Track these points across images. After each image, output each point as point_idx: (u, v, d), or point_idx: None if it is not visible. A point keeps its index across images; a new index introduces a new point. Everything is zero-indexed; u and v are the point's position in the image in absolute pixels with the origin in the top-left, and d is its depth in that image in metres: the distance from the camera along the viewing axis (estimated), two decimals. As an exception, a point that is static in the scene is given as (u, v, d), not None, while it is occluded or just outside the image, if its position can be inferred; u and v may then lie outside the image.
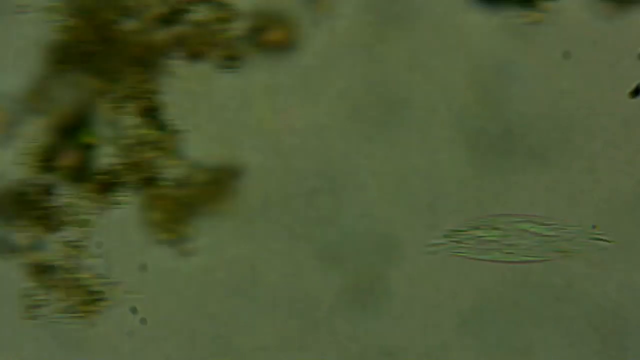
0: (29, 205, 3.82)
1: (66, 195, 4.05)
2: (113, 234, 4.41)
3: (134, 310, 4.41)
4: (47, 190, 3.83)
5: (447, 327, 4.39)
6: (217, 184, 4.17)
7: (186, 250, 4.10)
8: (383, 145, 4.39)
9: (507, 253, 4.28)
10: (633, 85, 4.32)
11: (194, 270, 4.41)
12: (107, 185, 3.90)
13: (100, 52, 3.78)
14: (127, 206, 4.40)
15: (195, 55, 4.04)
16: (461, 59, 4.38)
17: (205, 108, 4.27)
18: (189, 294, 4.43)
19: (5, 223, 3.92)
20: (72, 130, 3.95)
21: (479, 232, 4.27)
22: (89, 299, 3.95)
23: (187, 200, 4.10)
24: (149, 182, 3.94)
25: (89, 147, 3.74)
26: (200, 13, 4.07)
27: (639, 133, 4.36)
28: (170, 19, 3.82)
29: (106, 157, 4.21)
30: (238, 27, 4.22)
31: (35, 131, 4.09)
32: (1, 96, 4.02)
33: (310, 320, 4.41)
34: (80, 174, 3.91)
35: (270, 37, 4.09)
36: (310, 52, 4.40)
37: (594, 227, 4.20)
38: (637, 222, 4.36)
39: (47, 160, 3.85)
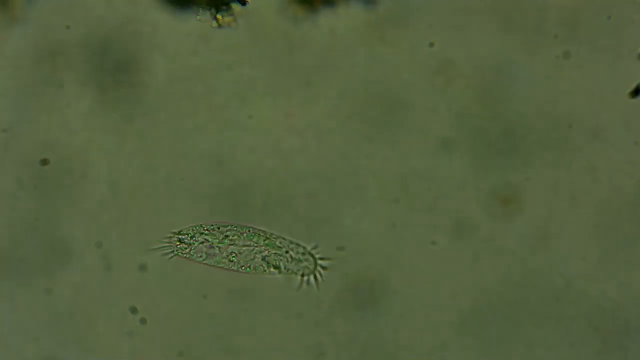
0: None
1: None
2: (113, 234, 4.42)
3: (134, 310, 4.41)
4: None
5: (447, 327, 4.39)
6: None
7: None
8: (383, 145, 4.39)
9: (230, 261, 4.30)
10: (633, 85, 4.32)
11: (194, 270, 4.41)
12: None
13: None
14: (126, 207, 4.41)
15: None
16: (461, 59, 4.38)
17: None
18: (189, 294, 4.43)
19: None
20: None
21: (208, 237, 4.29)
22: None
23: None
24: None
25: None
26: None
27: (639, 133, 4.36)
28: None
29: None
30: None
31: None
32: None
33: (310, 320, 4.41)
34: None
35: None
36: (310, 52, 4.40)
37: (315, 247, 4.27)
38: (637, 222, 4.36)
39: None
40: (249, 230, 4.28)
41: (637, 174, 4.36)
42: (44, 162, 4.41)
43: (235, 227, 4.27)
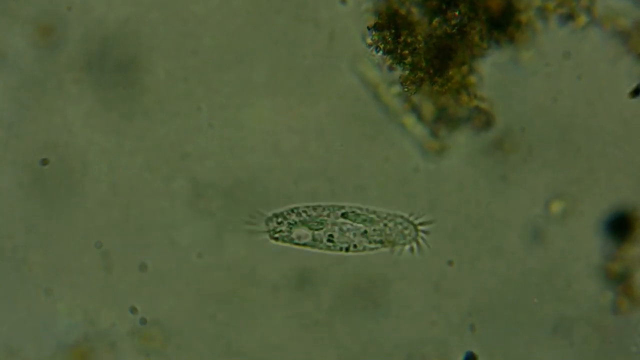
0: None
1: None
2: (113, 234, 4.42)
3: (133, 310, 4.41)
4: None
5: (447, 327, 4.39)
6: None
7: None
8: (383, 145, 4.39)
9: (328, 241, 4.29)
10: (633, 85, 4.32)
11: (194, 270, 4.41)
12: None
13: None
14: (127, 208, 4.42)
15: None
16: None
17: None
18: (189, 294, 4.43)
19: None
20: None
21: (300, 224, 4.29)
22: None
23: None
24: None
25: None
26: None
27: (639, 133, 4.36)
28: None
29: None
30: None
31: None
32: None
33: (310, 320, 4.41)
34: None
35: None
36: (310, 52, 4.40)
37: (411, 214, 4.25)
38: (637, 222, 4.36)
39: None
40: (344, 214, 4.27)
41: (637, 174, 4.36)
42: (44, 162, 4.41)
43: (328, 209, 4.26)
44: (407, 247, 4.28)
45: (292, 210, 4.26)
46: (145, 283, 4.42)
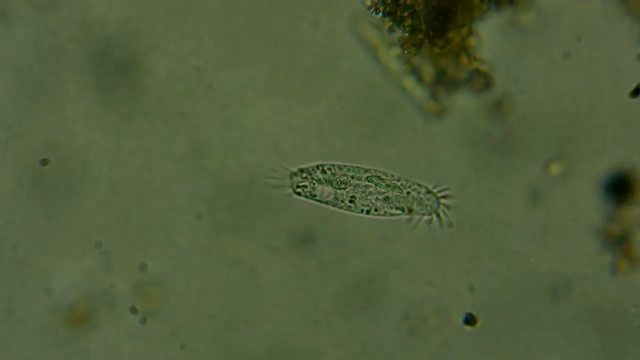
0: None
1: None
2: (113, 234, 4.42)
3: (133, 310, 4.41)
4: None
5: (446, 327, 4.39)
6: None
7: None
8: (383, 145, 4.39)
9: (350, 201, 4.26)
10: (633, 85, 4.32)
11: (194, 270, 4.42)
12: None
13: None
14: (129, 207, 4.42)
15: None
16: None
17: None
18: (189, 294, 4.43)
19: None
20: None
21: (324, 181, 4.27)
22: None
23: None
24: None
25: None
26: None
27: (639, 133, 4.36)
28: None
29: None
30: None
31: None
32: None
33: (310, 320, 4.41)
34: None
35: None
36: (310, 52, 4.40)
37: (435, 186, 4.23)
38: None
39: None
40: (368, 177, 4.25)
41: (637, 173, 4.36)
42: (44, 162, 4.41)
43: (354, 169, 4.24)
44: (426, 217, 4.27)
45: (318, 167, 4.25)
46: (145, 283, 4.42)
